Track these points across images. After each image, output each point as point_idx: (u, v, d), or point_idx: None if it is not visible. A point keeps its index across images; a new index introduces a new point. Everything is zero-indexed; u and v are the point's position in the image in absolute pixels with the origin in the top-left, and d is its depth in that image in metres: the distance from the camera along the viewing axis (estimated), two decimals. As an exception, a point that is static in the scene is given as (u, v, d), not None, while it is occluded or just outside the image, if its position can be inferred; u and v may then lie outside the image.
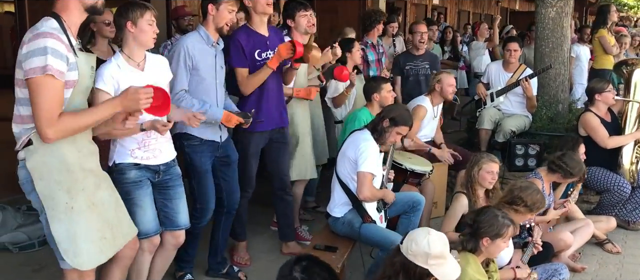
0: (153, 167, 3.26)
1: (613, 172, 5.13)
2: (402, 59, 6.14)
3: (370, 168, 3.79)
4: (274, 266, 4.38)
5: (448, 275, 2.62)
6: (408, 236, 2.67)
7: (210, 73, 3.74)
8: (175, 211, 3.41)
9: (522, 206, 3.64)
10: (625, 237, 5.16)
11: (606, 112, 5.24)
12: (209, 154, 3.80)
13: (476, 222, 3.15)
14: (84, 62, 2.73)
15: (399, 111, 3.96)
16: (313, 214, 5.50)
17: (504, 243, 3.10)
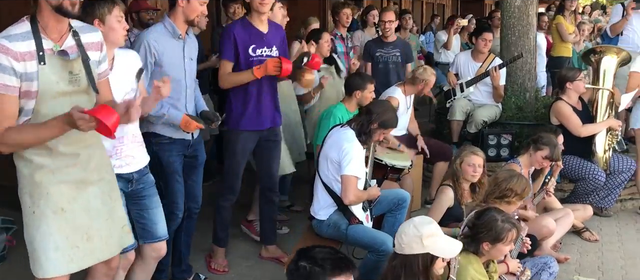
0: (126, 176, 3.02)
1: (587, 160, 5.14)
2: (373, 46, 6.00)
3: (354, 171, 3.64)
4: (253, 272, 4.23)
5: (449, 250, 2.60)
6: (396, 234, 2.66)
7: (178, 67, 3.51)
8: (152, 222, 3.17)
9: (513, 196, 3.64)
10: (600, 224, 5.20)
11: (577, 101, 5.25)
12: (178, 153, 3.57)
13: (475, 226, 3.07)
14: (55, 69, 2.45)
15: (389, 115, 3.81)
16: (288, 213, 5.32)
17: (506, 246, 3.03)
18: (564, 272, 4.15)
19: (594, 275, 4.19)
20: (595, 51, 5.57)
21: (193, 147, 3.66)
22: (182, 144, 3.57)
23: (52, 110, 2.45)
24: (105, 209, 2.69)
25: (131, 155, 3.03)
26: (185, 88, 3.56)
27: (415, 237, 2.53)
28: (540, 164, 4.38)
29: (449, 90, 6.22)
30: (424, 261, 2.55)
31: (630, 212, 5.51)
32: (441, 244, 2.58)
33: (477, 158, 4.04)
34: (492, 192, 3.76)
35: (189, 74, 3.58)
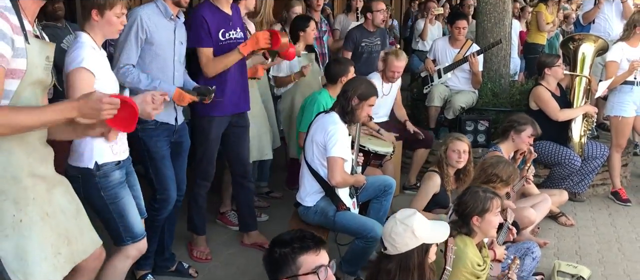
0: (123, 163, 2.95)
1: (563, 146, 5.22)
2: (358, 35, 5.94)
3: (340, 152, 3.61)
4: (236, 259, 4.17)
5: (441, 234, 2.62)
6: (384, 239, 2.62)
7: (168, 49, 3.43)
8: (139, 198, 3.13)
9: (498, 182, 3.70)
10: (575, 209, 5.30)
11: (556, 87, 5.31)
12: (165, 139, 3.49)
13: (461, 205, 3.10)
14: (37, 51, 2.29)
15: (363, 85, 3.79)
16: (268, 199, 5.27)
17: (494, 216, 3.05)
18: (544, 257, 4.20)
19: (572, 259, 4.27)
20: (574, 39, 5.65)
21: (178, 133, 3.58)
22: (167, 129, 3.49)
23: (33, 96, 2.32)
24: (72, 207, 2.51)
25: (125, 142, 2.96)
26: (173, 70, 3.48)
27: (407, 232, 2.51)
28: (528, 143, 4.44)
29: (426, 76, 6.21)
30: (419, 254, 2.54)
31: (602, 197, 5.64)
32: (433, 231, 2.58)
33: (462, 144, 4.06)
34: (478, 177, 3.81)
35: (178, 57, 3.50)
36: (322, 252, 2.10)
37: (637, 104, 5.32)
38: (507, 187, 3.74)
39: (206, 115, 3.80)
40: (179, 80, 3.53)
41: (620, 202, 5.47)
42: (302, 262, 2.06)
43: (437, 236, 2.62)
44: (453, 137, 4.16)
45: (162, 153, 3.47)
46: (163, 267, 3.84)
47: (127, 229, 2.91)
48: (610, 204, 5.48)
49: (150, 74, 3.32)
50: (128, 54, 3.25)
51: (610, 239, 4.71)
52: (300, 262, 2.06)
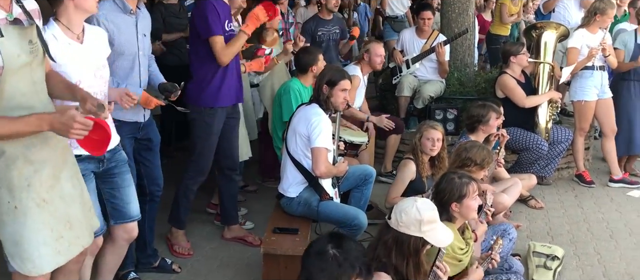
0: (96, 157, 2.86)
1: (530, 131, 5.38)
2: (314, 25, 5.96)
3: (324, 143, 3.65)
4: (218, 253, 4.16)
5: (443, 240, 2.61)
6: (395, 209, 2.61)
7: (131, 45, 3.36)
8: (124, 201, 3.06)
9: (473, 166, 3.78)
10: (542, 192, 5.47)
11: (521, 74, 5.46)
12: (128, 136, 3.41)
13: (438, 193, 3.14)
14: (15, 40, 2.26)
15: (330, 72, 3.85)
16: (243, 193, 5.26)
17: (472, 201, 3.09)
18: (518, 239, 4.28)
19: (545, 239, 4.42)
20: (536, 27, 5.81)
21: (145, 130, 3.53)
22: (132, 126, 3.43)
23: (16, 88, 2.28)
24: (76, 192, 2.55)
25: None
26: (139, 66, 3.42)
27: (415, 220, 2.52)
28: (495, 126, 4.58)
29: (394, 67, 6.30)
30: (415, 244, 2.55)
31: (568, 180, 5.83)
32: (437, 234, 2.59)
33: (436, 132, 4.15)
34: (453, 162, 3.89)
35: (142, 51, 3.45)
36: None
37: (598, 88, 5.52)
38: (483, 170, 3.83)
39: (210, 107, 3.79)
40: (145, 74, 3.47)
41: (584, 184, 5.67)
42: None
43: (440, 240, 2.61)
44: (428, 125, 4.24)
45: (126, 151, 3.37)
46: (146, 264, 3.80)
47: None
48: (575, 186, 5.67)
49: (115, 77, 3.24)
50: None
51: (579, 219, 4.89)
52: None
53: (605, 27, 5.52)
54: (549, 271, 3.80)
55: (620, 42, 5.70)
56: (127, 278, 3.62)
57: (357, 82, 5.09)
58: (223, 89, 3.80)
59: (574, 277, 3.92)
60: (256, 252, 3.83)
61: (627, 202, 5.28)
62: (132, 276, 3.63)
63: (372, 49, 5.14)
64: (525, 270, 3.85)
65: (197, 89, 3.81)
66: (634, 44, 5.60)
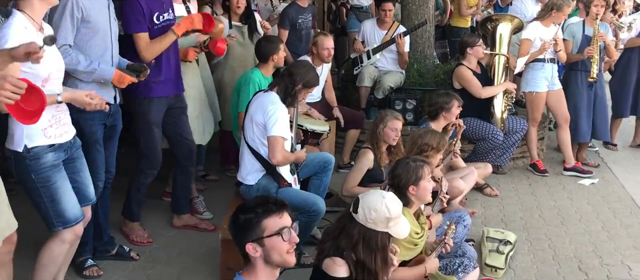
0: (65, 145, 2.91)
1: (486, 121, 5.51)
2: (294, 12, 5.96)
3: (281, 131, 3.67)
4: (177, 241, 4.17)
5: (403, 232, 2.66)
6: (362, 204, 2.62)
7: (104, 24, 3.36)
8: (85, 184, 3.11)
9: (430, 150, 3.88)
10: (498, 180, 5.62)
11: (477, 65, 5.59)
12: (100, 122, 3.42)
13: (395, 178, 3.20)
14: None
15: (311, 74, 3.86)
16: (204, 182, 5.26)
17: (428, 183, 3.17)
18: (472, 225, 4.41)
19: (499, 226, 4.54)
20: (492, 19, 5.96)
21: (113, 116, 3.52)
22: (102, 112, 3.38)
23: None
24: None
25: (67, 123, 2.92)
26: (111, 47, 3.42)
27: (385, 217, 2.56)
28: (456, 115, 4.70)
29: (356, 57, 6.36)
30: (382, 240, 2.60)
31: (522, 169, 6.00)
32: (400, 226, 2.65)
33: (399, 122, 4.24)
34: (410, 150, 3.97)
35: (114, 34, 3.45)
36: (284, 214, 2.17)
37: (549, 79, 5.69)
38: (439, 154, 3.92)
39: (145, 97, 3.76)
40: (116, 55, 3.48)
41: (538, 173, 5.84)
42: (266, 225, 2.13)
43: (400, 232, 2.66)
44: (392, 116, 4.29)
45: (96, 137, 3.41)
46: (103, 252, 3.79)
47: (59, 213, 2.89)
48: (529, 175, 5.84)
49: (89, 55, 3.25)
50: (64, 34, 3.16)
51: (532, 206, 5.04)
52: (264, 225, 2.13)
53: (559, 23, 5.68)
54: (501, 255, 3.92)
55: (568, 33, 5.89)
56: (85, 265, 3.60)
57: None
58: (161, 79, 3.78)
59: (526, 261, 4.05)
60: (215, 240, 3.84)
61: (578, 190, 5.47)
62: (89, 263, 3.62)
63: (320, 42, 5.14)
64: (479, 255, 3.97)
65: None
66: (582, 35, 5.79)
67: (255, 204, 2.20)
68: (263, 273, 2.19)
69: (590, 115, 5.97)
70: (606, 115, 6.18)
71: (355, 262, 2.56)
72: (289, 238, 2.14)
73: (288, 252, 2.16)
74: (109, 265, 3.74)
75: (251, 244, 2.14)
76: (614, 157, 6.50)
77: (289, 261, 2.18)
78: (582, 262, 4.04)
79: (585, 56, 5.71)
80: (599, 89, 5.98)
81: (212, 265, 3.76)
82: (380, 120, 4.22)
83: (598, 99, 5.99)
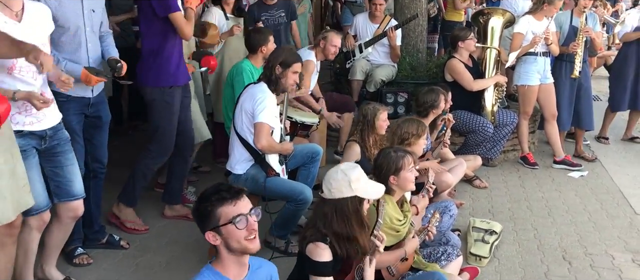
0: (38, 133, 2.93)
1: (477, 114, 5.57)
2: (256, 10, 5.96)
3: (267, 119, 3.73)
4: (167, 231, 4.23)
5: (374, 192, 2.76)
6: (324, 182, 2.74)
7: (76, 20, 3.37)
8: (67, 179, 3.12)
9: (412, 138, 3.97)
10: (488, 173, 5.67)
11: (468, 58, 5.64)
12: (76, 112, 3.45)
13: (377, 168, 3.27)
14: None
15: (284, 53, 3.92)
16: (197, 174, 5.32)
17: (410, 173, 3.23)
18: (460, 216, 4.50)
19: (486, 216, 4.59)
20: (483, 13, 6.00)
21: (95, 107, 3.56)
22: (80, 102, 3.46)
23: None
24: (7, 167, 2.58)
25: (43, 112, 2.92)
26: (86, 42, 3.43)
27: (344, 181, 2.66)
28: (443, 108, 4.76)
29: (348, 51, 6.41)
30: (353, 203, 2.68)
31: (513, 162, 6.06)
32: (367, 187, 2.74)
33: (386, 113, 4.28)
34: (392, 141, 4.03)
35: (90, 27, 3.45)
36: (238, 202, 2.14)
37: (540, 73, 5.73)
38: (421, 138, 3.98)
39: (169, 87, 3.87)
40: (94, 51, 3.49)
41: (528, 166, 5.90)
42: (220, 214, 2.12)
43: (371, 193, 2.76)
44: (379, 107, 4.30)
45: (72, 127, 3.41)
46: (93, 240, 3.85)
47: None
48: (520, 168, 5.89)
49: (57, 54, 3.26)
50: None
51: (520, 198, 5.10)
52: (218, 214, 2.12)
53: (550, 17, 5.72)
54: (486, 245, 3.98)
55: (556, 24, 5.91)
56: (74, 253, 3.66)
57: (311, 67, 5.17)
58: (180, 67, 3.89)
59: (511, 250, 4.10)
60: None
61: (567, 182, 5.52)
62: (79, 251, 3.68)
63: (330, 38, 5.19)
64: (465, 245, 4.03)
65: (156, 69, 3.85)
66: (569, 26, 5.83)
67: (210, 193, 2.18)
68: (229, 261, 2.19)
69: (571, 104, 6.00)
70: (590, 105, 6.14)
71: (336, 237, 2.63)
72: (246, 225, 2.12)
73: (246, 239, 2.14)
74: (99, 254, 3.81)
75: (210, 233, 2.15)
76: (605, 151, 6.55)
77: (250, 248, 2.17)
78: (566, 252, 4.09)
79: (570, 51, 5.75)
80: (584, 80, 5.98)
81: (200, 254, 3.81)
82: (373, 115, 4.22)
83: (582, 89, 6.00)
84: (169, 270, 3.69)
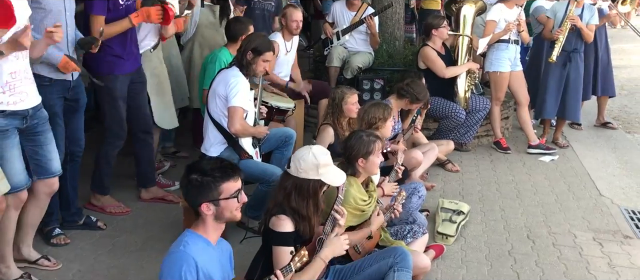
0: (21, 113, 3.01)
1: (450, 101, 5.70)
2: None
3: (240, 102, 3.83)
4: (143, 212, 4.33)
5: (337, 179, 2.87)
6: (292, 158, 2.86)
7: (57, 5, 3.43)
8: (47, 158, 3.22)
9: (379, 121, 4.06)
10: (461, 157, 5.82)
11: (441, 46, 5.77)
12: (58, 96, 3.54)
13: (347, 148, 3.37)
14: None
15: (259, 40, 4.00)
16: (174, 159, 5.41)
17: (377, 158, 3.35)
18: (431, 198, 4.66)
19: (456, 198, 4.73)
20: (456, 1, 6.12)
21: (74, 90, 3.65)
22: (62, 85, 3.54)
23: None
24: None
25: (25, 92, 3.01)
26: (66, 26, 3.49)
27: (312, 164, 2.77)
28: (407, 105, 4.88)
29: (326, 38, 6.52)
30: (314, 186, 2.80)
31: (486, 147, 6.21)
32: (332, 174, 2.85)
33: (355, 96, 4.39)
34: (361, 125, 4.14)
35: (69, 12, 3.53)
36: (239, 178, 2.39)
37: (511, 60, 5.88)
38: (388, 121, 4.10)
39: (112, 74, 3.92)
40: (72, 35, 3.57)
41: (501, 151, 6.05)
42: (223, 188, 2.34)
43: (334, 180, 2.87)
44: (348, 91, 4.38)
45: (55, 110, 3.50)
46: (71, 222, 3.94)
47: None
48: (492, 153, 6.05)
49: (38, 36, 3.27)
50: None
51: (490, 181, 5.26)
52: (221, 188, 2.33)
53: (520, 5, 5.85)
54: (453, 224, 4.12)
55: (551, 12, 6.00)
56: (52, 234, 3.75)
57: (276, 48, 5.25)
58: (124, 56, 3.94)
59: (477, 230, 4.25)
60: (180, 210, 3.99)
61: (537, 166, 5.68)
62: (57, 232, 3.77)
63: (289, 14, 5.31)
64: (433, 224, 4.17)
65: (98, 57, 3.86)
66: (563, 14, 5.84)
67: (212, 167, 2.37)
68: (212, 228, 2.41)
69: (559, 93, 6.09)
70: (577, 96, 6.18)
71: (292, 211, 2.75)
72: (241, 198, 2.38)
73: (236, 209, 2.40)
74: (77, 234, 3.90)
75: (206, 204, 2.34)
76: (576, 136, 6.73)
77: (237, 216, 2.42)
78: (531, 231, 4.25)
79: (551, 37, 5.89)
80: (573, 70, 6.02)
81: (176, 233, 3.77)
82: (340, 98, 4.33)
83: (570, 79, 6.04)
84: (145, 249, 3.79)
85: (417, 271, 3.24)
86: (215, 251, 2.44)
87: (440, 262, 3.78)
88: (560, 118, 6.36)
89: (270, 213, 2.80)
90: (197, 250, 2.31)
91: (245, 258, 3.13)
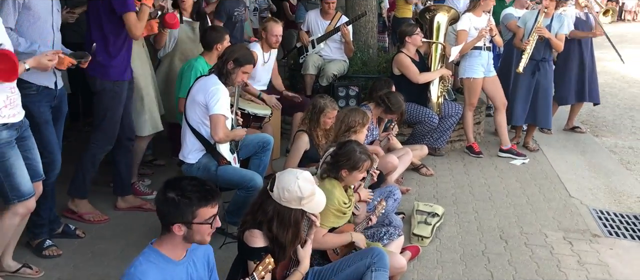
0: (17, 124, 3.08)
1: (423, 106, 5.82)
2: (229, 5, 6.15)
3: (222, 110, 3.88)
4: (122, 220, 4.35)
5: (318, 206, 2.89)
6: (277, 183, 2.79)
7: (47, 14, 3.51)
8: (36, 161, 3.29)
9: (359, 126, 4.16)
10: (435, 161, 5.94)
11: (415, 53, 5.89)
12: (46, 104, 3.59)
13: (337, 155, 3.43)
14: None
15: (241, 51, 4.07)
16: (152, 167, 5.43)
17: (360, 174, 3.41)
18: (406, 201, 4.76)
19: (431, 201, 4.83)
20: (430, 9, 6.26)
21: (58, 99, 3.68)
22: (48, 94, 3.57)
23: None
24: None
25: (19, 104, 3.09)
26: (53, 37, 3.56)
27: (297, 197, 2.75)
28: (381, 114, 5.00)
29: (301, 47, 6.60)
30: (295, 216, 2.80)
31: (459, 151, 6.35)
32: (314, 203, 2.85)
33: (335, 112, 4.44)
34: (340, 129, 4.23)
35: (56, 24, 3.60)
36: (216, 204, 2.30)
37: (484, 66, 6.03)
38: (365, 127, 4.20)
39: (117, 80, 4.03)
40: (58, 35, 3.63)
41: (473, 155, 6.19)
42: (199, 213, 2.24)
43: (315, 209, 2.88)
44: (330, 106, 4.42)
45: (45, 118, 3.56)
46: (49, 230, 3.93)
47: (13, 187, 3.06)
48: (465, 157, 6.18)
49: (29, 39, 3.39)
50: (5, 17, 3.30)
51: (464, 184, 5.38)
52: (197, 212, 2.24)
53: (488, 11, 6.01)
54: (429, 226, 4.22)
55: (521, 21, 6.16)
56: (43, 246, 3.76)
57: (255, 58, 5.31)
58: (128, 64, 4.06)
59: (452, 231, 4.36)
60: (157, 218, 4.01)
61: (509, 170, 5.83)
62: (48, 243, 3.78)
63: (269, 28, 5.38)
64: (408, 226, 4.26)
65: (107, 63, 3.96)
66: (533, 24, 5.99)
67: (192, 190, 2.25)
68: (177, 246, 2.33)
69: (527, 101, 6.24)
70: (548, 104, 6.30)
71: (270, 236, 2.76)
72: (215, 224, 2.30)
73: (208, 234, 2.31)
74: (56, 243, 3.88)
75: (178, 225, 2.24)
76: (547, 140, 6.90)
77: (207, 241, 2.34)
78: (503, 232, 4.37)
79: (519, 47, 6.05)
80: (543, 78, 6.16)
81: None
82: (320, 110, 4.38)
83: (540, 87, 6.17)
84: (123, 258, 3.80)
85: (394, 271, 3.32)
86: (179, 266, 2.34)
87: (417, 263, 3.87)
88: (530, 125, 6.52)
89: (244, 225, 2.84)
90: (148, 269, 2.22)
91: (225, 263, 3.17)
